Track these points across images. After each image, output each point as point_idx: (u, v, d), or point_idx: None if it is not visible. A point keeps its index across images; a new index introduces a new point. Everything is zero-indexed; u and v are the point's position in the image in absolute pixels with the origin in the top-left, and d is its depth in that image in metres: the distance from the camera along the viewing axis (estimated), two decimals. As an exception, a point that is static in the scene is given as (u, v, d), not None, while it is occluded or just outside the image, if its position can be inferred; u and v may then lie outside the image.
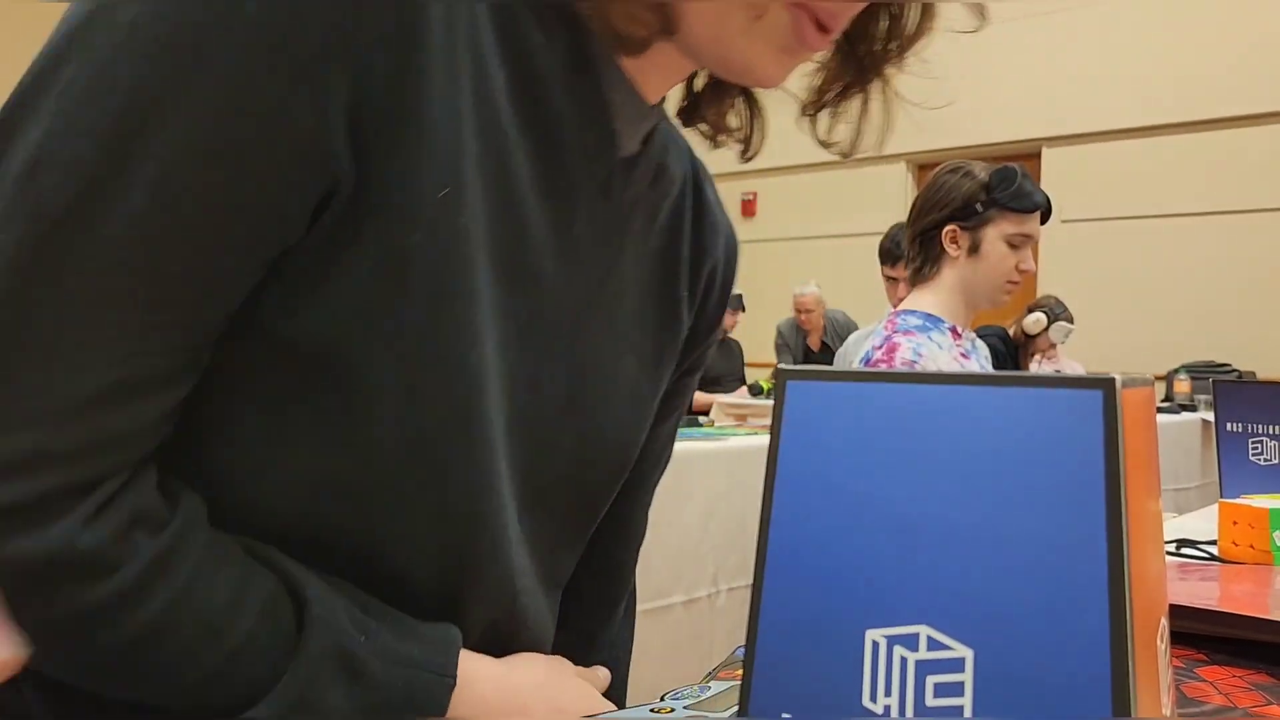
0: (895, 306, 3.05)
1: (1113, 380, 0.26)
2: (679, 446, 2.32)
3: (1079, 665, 0.24)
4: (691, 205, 0.62)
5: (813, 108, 0.56)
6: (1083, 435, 0.26)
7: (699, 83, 0.57)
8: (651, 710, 0.47)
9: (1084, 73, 5.57)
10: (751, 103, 0.58)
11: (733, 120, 0.58)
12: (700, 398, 4.62)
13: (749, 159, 0.60)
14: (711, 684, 0.50)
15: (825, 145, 0.57)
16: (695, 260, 0.62)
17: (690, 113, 0.57)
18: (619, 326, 0.56)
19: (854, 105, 0.56)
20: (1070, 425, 0.26)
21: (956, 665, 0.26)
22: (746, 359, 5.07)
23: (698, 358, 0.68)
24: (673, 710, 0.46)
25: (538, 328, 0.50)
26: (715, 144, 0.58)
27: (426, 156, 0.42)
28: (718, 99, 0.56)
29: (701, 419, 3.54)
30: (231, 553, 0.43)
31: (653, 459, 0.69)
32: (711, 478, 2.02)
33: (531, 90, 0.47)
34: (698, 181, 0.63)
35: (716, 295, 0.66)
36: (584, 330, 0.53)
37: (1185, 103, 5.29)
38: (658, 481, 0.73)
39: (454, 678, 0.45)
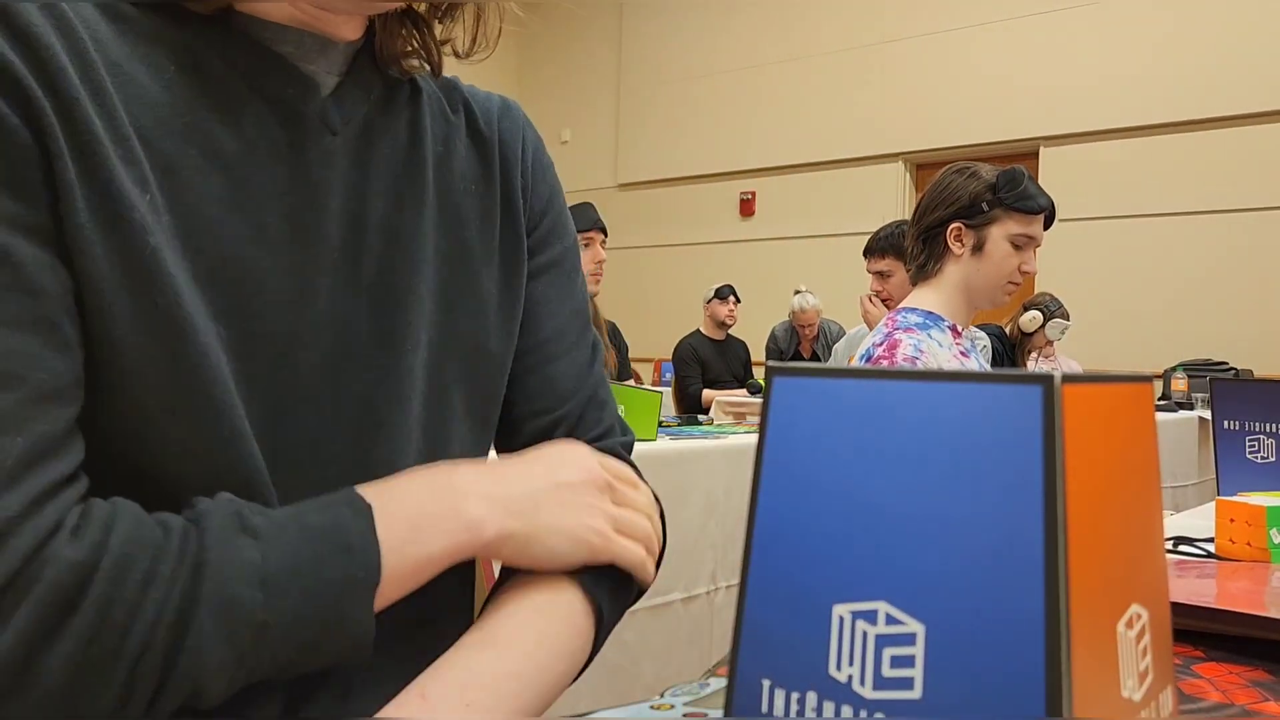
0: (880, 297, 3.08)
1: (1051, 377, 0.27)
2: (679, 445, 2.32)
3: (1017, 643, 0.26)
4: (446, 102, 0.65)
5: (434, 14, 0.60)
6: (1024, 429, 0.27)
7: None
8: (651, 707, 0.47)
9: (1082, 72, 5.58)
10: (418, 23, 0.61)
11: (409, 46, 0.60)
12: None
13: (438, 79, 0.64)
14: (711, 680, 0.51)
15: (442, 44, 0.61)
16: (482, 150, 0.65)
17: (373, 54, 0.59)
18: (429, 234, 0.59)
19: (468, 13, 0.61)
20: (1013, 420, 0.28)
21: (909, 639, 0.28)
22: (748, 358, 5.07)
23: (544, 231, 0.69)
24: (673, 707, 0.46)
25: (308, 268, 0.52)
26: (402, 72, 0.60)
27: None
28: (382, 25, 0.59)
29: (701, 418, 3.55)
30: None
31: (537, 326, 0.67)
32: (710, 476, 2.02)
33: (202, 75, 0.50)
34: (446, 88, 0.66)
35: (530, 165, 0.68)
36: (373, 251, 0.56)
37: (1183, 102, 5.30)
38: (574, 360, 0.70)
39: (362, 500, 0.48)
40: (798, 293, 4.76)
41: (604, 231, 3.18)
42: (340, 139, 0.55)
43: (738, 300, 4.83)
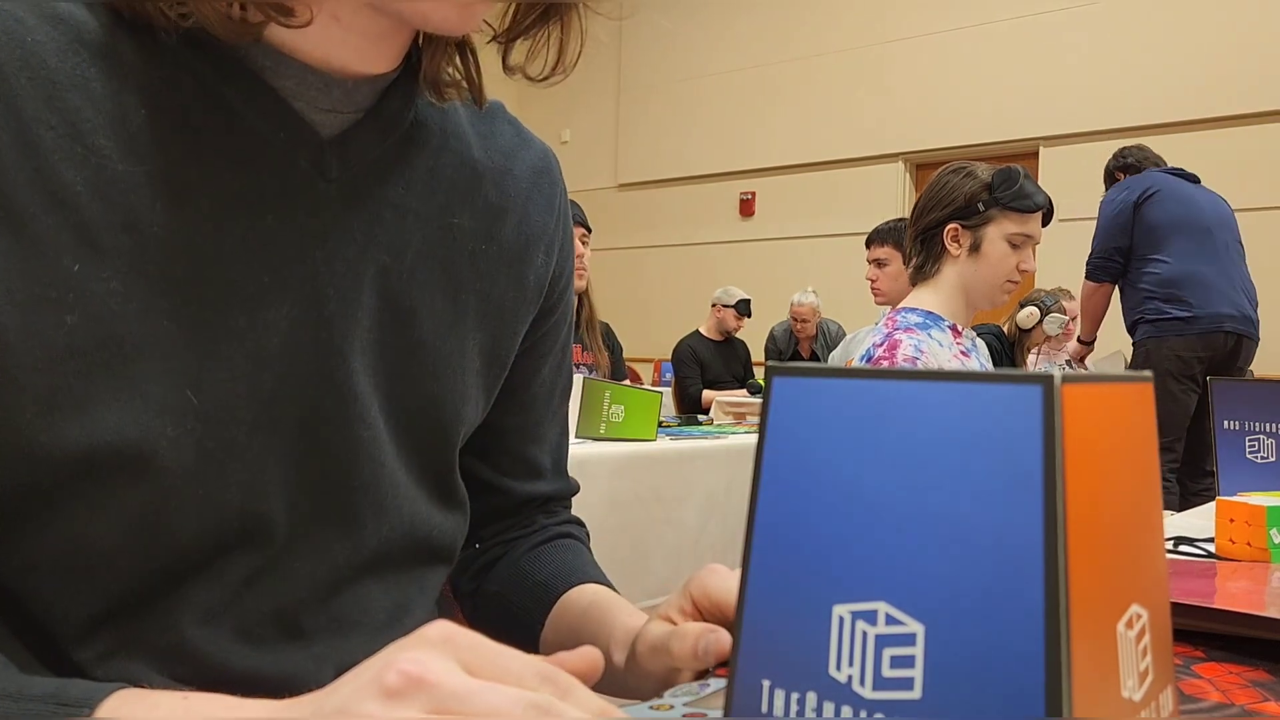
0: (873, 285, 3.10)
1: (1051, 377, 0.27)
2: (679, 445, 2.32)
3: (1017, 643, 0.26)
4: (479, 148, 0.62)
5: (505, 36, 0.54)
6: (1023, 428, 0.27)
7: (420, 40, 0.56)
8: (651, 707, 0.47)
9: (1082, 72, 5.58)
10: (464, 52, 0.57)
11: (450, 74, 0.56)
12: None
13: (484, 107, 0.61)
14: (711, 680, 0.51)
15: (512, 71, 0.55)
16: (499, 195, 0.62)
17: (415, 73, 0.55)
18: (416, 289, 0.56)
19: (552, 33, 0.55)
20: (1013, 420, 0.28)
21: (909, 640, 0.28)
22: (748, 358, 5.07)
23: (562, 287, 0.68)
24: (672, 707, 0.46)
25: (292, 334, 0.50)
26: (442, 99, 0.56)
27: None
28: (431, 54, 0.55)
29: (701, 418, 3.55)
30: None
31: (531, 403, 0.70)
32: (710, 476, 2.02)
33: (170, 113, 0.47)
34: (491, 119, 0.64)
35: (556, 215, 0.66)
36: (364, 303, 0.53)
37: (1182, 102, 5.29)
38: (554, 432, 0.74)
39: (87, 708, 0.37)
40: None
41: (588, 228, 3.17)
42: (338, 185, 0.52)
43: (750, 317, 4.84)
